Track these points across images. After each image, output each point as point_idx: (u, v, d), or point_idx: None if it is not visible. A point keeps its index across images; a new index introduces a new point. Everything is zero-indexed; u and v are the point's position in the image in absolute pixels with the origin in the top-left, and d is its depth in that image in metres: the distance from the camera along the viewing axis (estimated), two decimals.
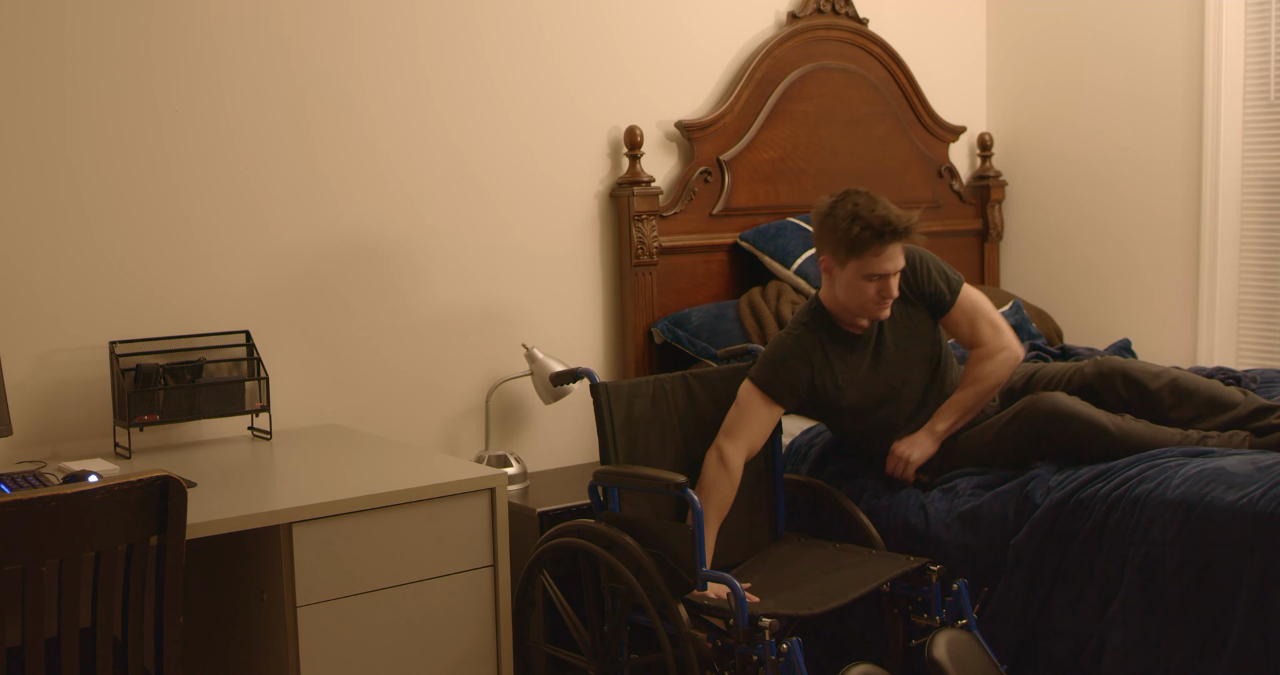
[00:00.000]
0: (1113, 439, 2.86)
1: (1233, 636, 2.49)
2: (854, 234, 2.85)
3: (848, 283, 2.91)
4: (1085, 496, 2.74)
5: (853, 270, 2.89)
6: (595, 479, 2.82)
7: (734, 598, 2.53)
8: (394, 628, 2.54)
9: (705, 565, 2.64)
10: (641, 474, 2.77)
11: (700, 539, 2.62)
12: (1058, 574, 2.76)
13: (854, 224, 2.86)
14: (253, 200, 3.17)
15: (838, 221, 2.89)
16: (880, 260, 2.87)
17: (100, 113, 2.95)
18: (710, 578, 2.62)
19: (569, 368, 3.17)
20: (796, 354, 2.97)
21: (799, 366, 2.95)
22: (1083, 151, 4.44)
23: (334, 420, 3.29)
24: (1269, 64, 3.97)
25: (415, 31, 3.39)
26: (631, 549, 2.67)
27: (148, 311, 3.03)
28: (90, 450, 2.93)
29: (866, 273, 2.87)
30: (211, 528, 2.29)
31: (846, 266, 2.90)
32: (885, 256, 2.87)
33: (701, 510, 2.65)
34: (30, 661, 2.00)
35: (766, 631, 2.49)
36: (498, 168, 3.55)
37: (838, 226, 2.88)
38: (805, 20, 4.12)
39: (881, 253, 2.86)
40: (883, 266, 2.87)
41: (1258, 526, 2.49)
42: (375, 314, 3.36)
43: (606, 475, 2.81)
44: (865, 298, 2.91)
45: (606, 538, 2.74)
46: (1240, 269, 4.09)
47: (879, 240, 2.85)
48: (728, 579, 2.55)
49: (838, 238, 2.89)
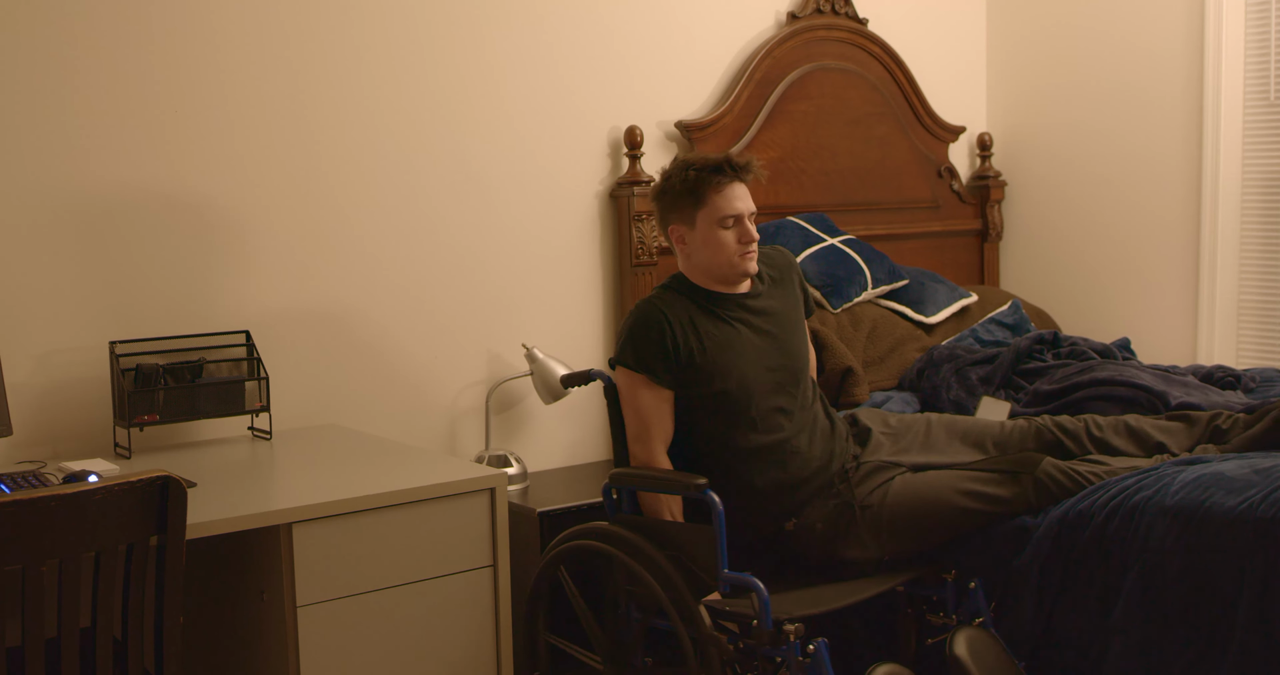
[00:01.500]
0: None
1: (1234, 642, 2.48)
2: (691, 179, 2.70)
3: (704, 239, 2.72)
4: (1084, 508, 2.73)
5: (704, 222, 2.71)
6: (611, 481, 2.78)
7: (757, 599, 2.48)
8: (394, 628, 2.54)
9: (725, 566, 2.58)
10: (660, 475, 2.70)
11: (722, 540, 2.56)
12: (1060, 585, 2.76)
13: (688, 171, 2.72)
14: (253, 200, 3.17)
15: (672, 181, 2.74)
16: (728, 199, 2.70)
17: (100, 112, 2.95)
18: (732, 580, 2.55)
19: (579, 370, 3.15)
20: (651, 315, 2.73)
21: (658, 326, 2.71)
22: (1082, 151, 4.44)
23: (334, 420, 3.29)
24: (1269, 64, 3.97)
25: (415, 31, 3.39)
26: (649, 552, 2.62)
27: (148, 311, 3.03)
28: (90, 450, 2.93)
29: (719, 217, 2.70)
30: (211, 528, 2.29)
31: (696, 221, 2.72)
32: (732, 195, 2.71)
33: (722, 511, 2.56)
34: (30, 661, 2.00)
35: (791, 634, 2.46)
36: (498, 168, 3.55)
37: (673, 184, 2.73)
38: (805, 20, 4.12)
39: (725, 190, 2.70)
40: (733, 206, 2.70)
41: (1258, 531, 2.48)
42: (375, 313, 3.36)
43: (623, 477, 2.75)
44: (727, 248, 2.71)
45: (623, 540, 2.70)
46: (1240, 269, 4.09)
47: (719, 175, 2.70)
48: (751, 581, 2.50)
49: (677, 193, 2.73)
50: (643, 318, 2.75)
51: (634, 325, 2.75)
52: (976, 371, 3.59)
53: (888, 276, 4.02)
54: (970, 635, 2.64)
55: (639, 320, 2.75)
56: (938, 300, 4.08)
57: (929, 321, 4.03)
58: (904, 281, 4.06)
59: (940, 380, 3.60)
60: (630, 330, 2.75)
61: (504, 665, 2.69)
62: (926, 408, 3.60)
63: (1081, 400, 3.28)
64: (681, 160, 2.79)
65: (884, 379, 3.82)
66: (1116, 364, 3.50)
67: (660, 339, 2.71)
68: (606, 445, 3.77)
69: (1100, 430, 3.00)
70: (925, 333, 4.02)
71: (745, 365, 2.76)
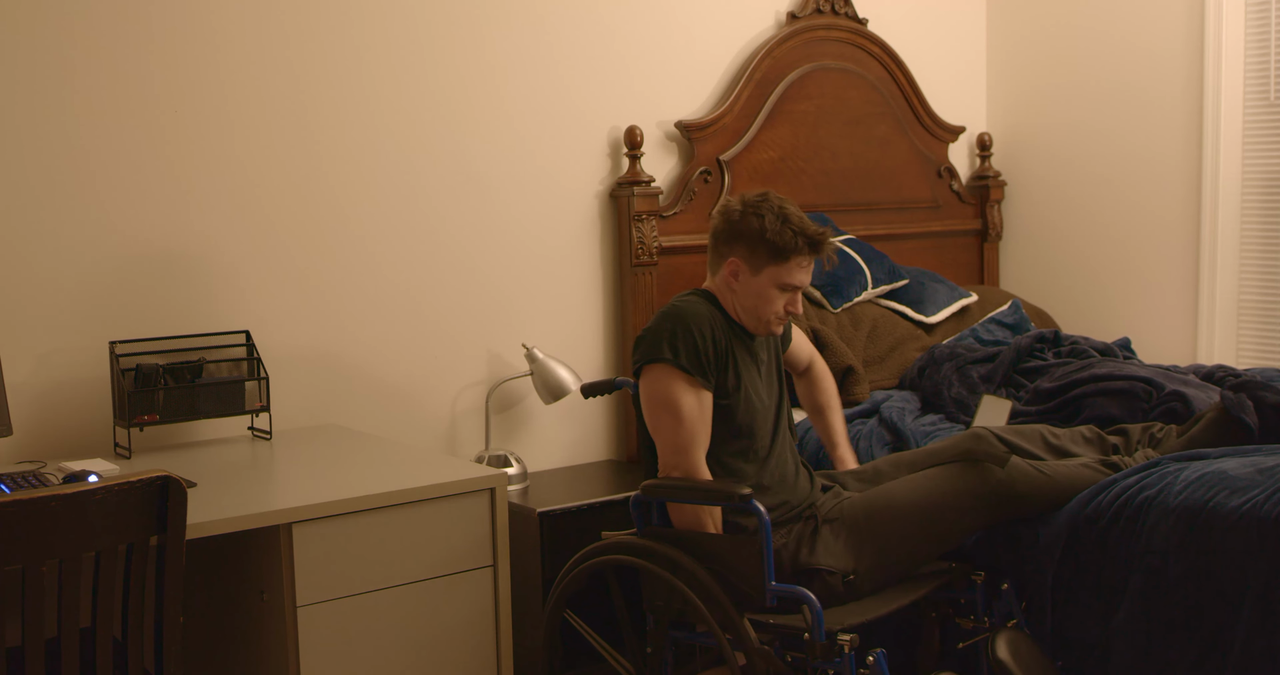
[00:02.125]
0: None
1: (1238, 642, 2.48)
2: (785, 238, 2.63)
3: (758, 290, 2.67)
4: (1089, 512, 2.73)
5: (768, 277, 2.66)
6: (644, 492, 2.64)
7: (810, 611, 2.44)
8: (394, 628, 2.54)
9: (772, 578, 2.51)
10: (701, 486, 2.58)
11: (769, 552, 2.50)
12: (1067, 586, 2.76)
13: (785, 227, 2.63)
14: (254, 200, 3.17)
15: (764, 223, 2.63)
16: (801, 272, 2.67)
17: (101, 112, 2.95)
18: (781, 592, 2.49)
19: (604, 378, 3.11)
20: (696, 315, 2.64)
21: (701, 329, 2.62)
22: (1082, 151, 4.44)
23: (334, 420, 3.29)
24: (1269, 64, 3.97)
25: (415, 31, 3.39)
26: (689, 566, 2.53)
27: (148, 311, 3.03)
28: (90, 450, 2.93)
29: (782, 282, 2.66)
30: (211, 528, 2.29)
31: (762, 272, 2.66)
32: (806, 269, 2.68)
33: (770, 522, 2.52)
34: (30, 661, 2.00)
35: (846, 645, 2.41)
36: (498, 168, 3.55)
37: (764, 228, 2.63)
38: (805, 20, 4.12)
39: (805, 262, 2.67)
40: (800, 278, 2.67)
41: (1262, 532, 2.48)
42: (375, 313, 3.36)
43: (660, 488, 2.62)
44: (771, 309, 2.68)
45: (659, 555, 2.58)
46: (1240, 269, 4.09)
47: (810, 249, 2.65)
48: (802, 593, 2.46)
49: (760, 239, 2.64)
50: (686, 317, 2.64)
51: (676, 324, 2.63)
52: (977, 370, 3.59)
53: (888, 276, 4.02)
54: (1010, 637, 2.62)
55: (681, 319, 2.63)
56: (938, 300, 4.08)
57: (929, 321, 4.03)
58: (904, 281, 4.07)
59: (941, 378, 3.60)
60: (672, 329, 2.62)
61: (504, 665, 2.69)
62: (927, 406, 3.60)
63: (1081, 397, 3.28)
64: (780, 210, 2.65)
65: (884, 378, 3.82)
66: (1117, 361, 3.50)
67: (705, 342, 2.63)
68: (606, 445, 3.77)
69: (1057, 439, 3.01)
70: (925, 332, 4.02)
71: (755, 399, 2.73)
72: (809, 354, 3.12)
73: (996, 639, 2.60)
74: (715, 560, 2.56)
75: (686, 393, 2.60)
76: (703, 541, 2.60)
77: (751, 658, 2.48)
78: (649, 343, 2.65)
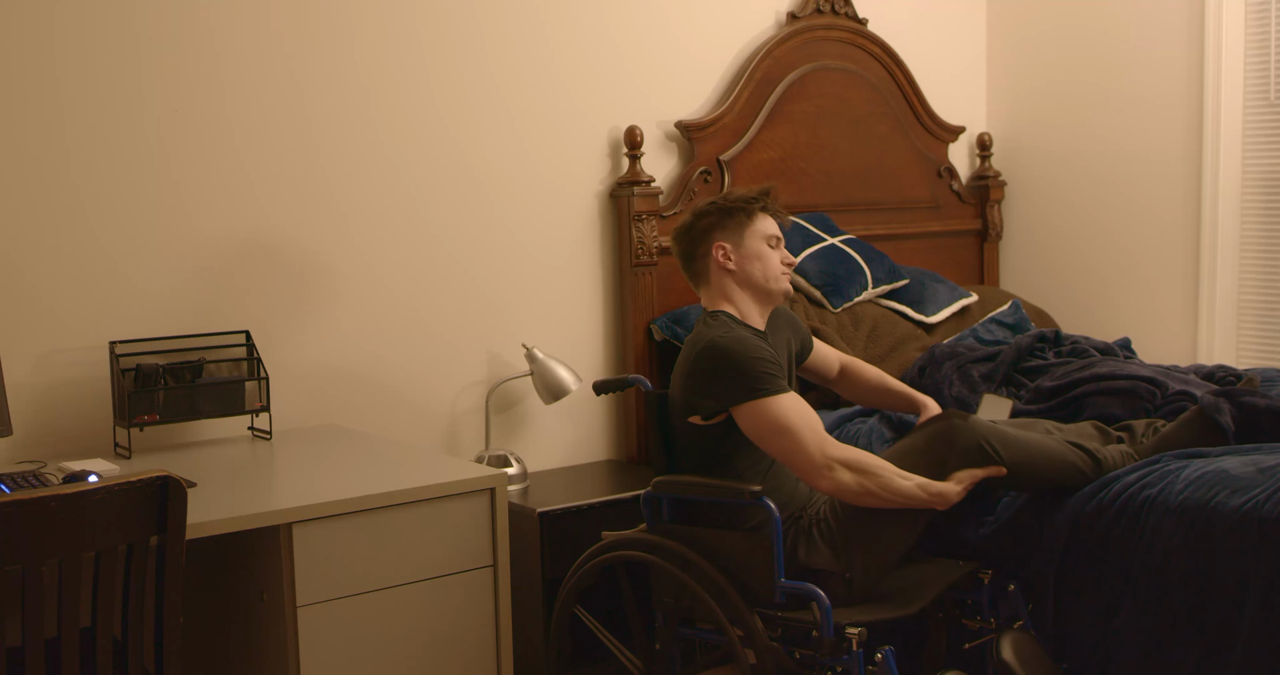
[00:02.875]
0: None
1: (1239, 642, 2.49)
2: (738, 201, 2.82)
3: (753, 252, 2.79)
4: (1091, 509, 2.73)
5: (752, 237, 2.80)
6: (655, 489, 2.70)
7: (819, 607, 2.45)
8: (394, 628, 2.54)
9: (781, 575, 2.54)
10: (713, 483, 2.63)
11: (779, 548, 2.51)
12: (1069, 585, 2.75)
13: (731, 194, 2.85)
14: (254, 200, 3.17)
15: (715, 203, 2.83)
16: (770, 223, 2.83)
17: (100, 112, 2.95)
18: (790, 589, 2.50)
19: (616, 376, 3.11)
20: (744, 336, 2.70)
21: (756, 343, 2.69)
22: (1082, 151, 4.44)
23: (334, 420, 3.29)
24: (1269, 64, 3.97)
25: (415, 31, 3.39)
26: (699, 562, 2.56)
27: (148, 311, 3.03)
28: (90, 450, 2.93)
29: (766, 234, 2.81)
30: (211, 528, 2.29)
31: (745, 236, 2.79)
32: (772, 221, 2.84)
33: (780, 519, 2.52)
34: (30, 661, 2.00)
35: (854, 641, 2.42)
36: (498, 168, 3.55)
37: (718, 205, 2.82)
38: (805, 20, 4.12)
39: (768, 214, 2.83)
40: (775, 228, 2.83)
41: (1263, 531, 2.48)
42: (375, 314, 3.36)
43: (670, 485, 2.68)
44: (774, 264, 2.81)
45: (669, 551, 2.63)
46: (1240, 269, 4.09)
47: (765, 198, 2.83)
48: (810, 589, 2.47)
49: (724, 213, 2.81)
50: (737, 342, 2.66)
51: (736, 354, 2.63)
52: (978, 369, 3.59)
53: (888, 276, 4.02)
54: (1015, 638, 2.62)
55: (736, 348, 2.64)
56: (938, 300, 4.08)
57: (929, 321, 4.03)
58: (904, 281, 4.07)
59: (942, 377, 3.59)
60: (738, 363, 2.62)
61: (504, 665, 2.69)
62: None
63: (1082, 396, 3.28)
64: (719, 194, 2.89)
65: None
66: (1118, 361, 3.50)
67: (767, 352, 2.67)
68: (606, 445, 3.77)
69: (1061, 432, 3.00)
70: (925, 332, 4.02)
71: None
72: (837, 356, 3.13)
73: (1001, 640, 2.60)
74: (725, 557, 2.58)
75: (789, 404, 2.62)
76: (713, 538, 2.62)
77: (761, 654, 2.49)
78: (722, 388, 2.63)
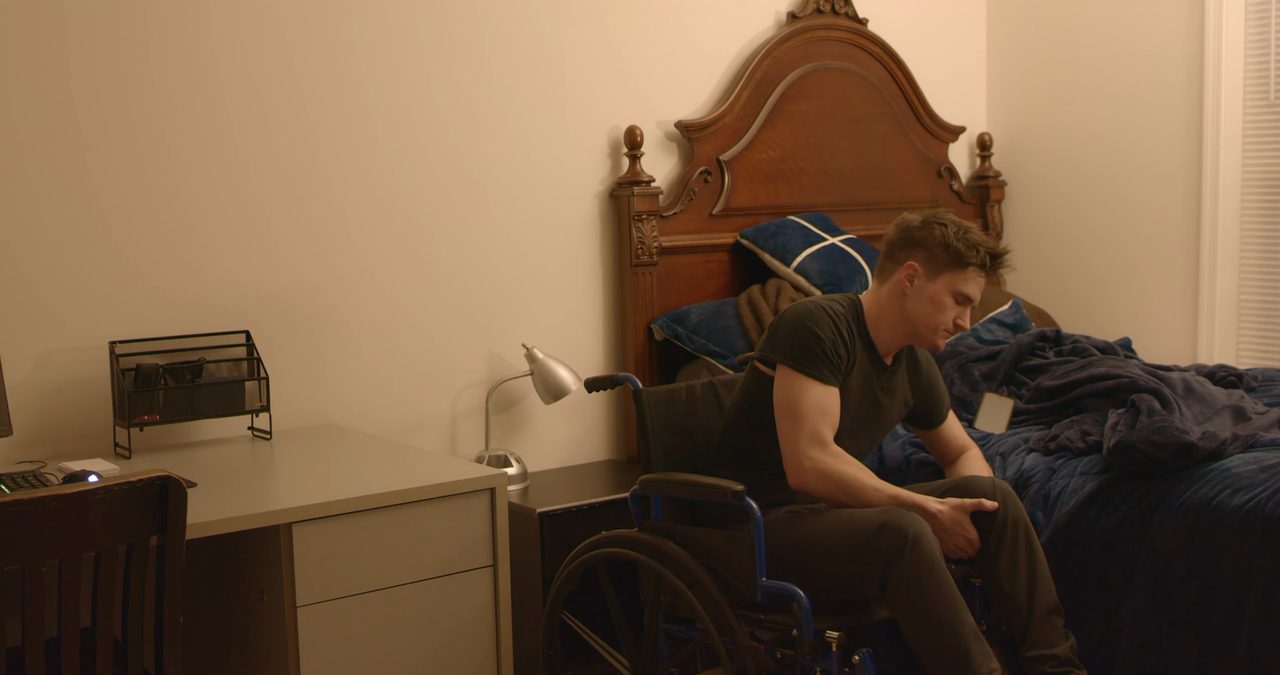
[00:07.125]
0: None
1: (1241, 641, 2.49)
2: (967, 246, 2.68)
3: (932, 295, 2.70)
4: (1091, 510, 2.73)
5: (944, 283, 2.69)
6: (641, 488, 2.69)
7: (799, 608, 2.44)
8: (394, 628, 2.54)
9: (763, 575, 2.52)
10: (696, 482, 2.62)
11: (760, 548, 2.50)
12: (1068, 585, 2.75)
13: (967, 236, 2.70)
14: (253, 200, 3.17)
15: (947, 231, 2.69)
16: (975, 284, 2.71)
17: (100, 112, 2.95)
18: (771, 589, 2.49)
19: (606, 374, 3.11)
20: (829, 313, 2.66)
21: (832, 327, 2.65)
22: (1083, 151, 4.44)
23: (334, 420, 3.29)
24: (1269, 64, 3.97)
25: (415, 31, 3.39)
26: (683, 560, 2.56)
27: (148, 311, 3.03)
28: (90, 450, 2.93)
29: (957, 290, 2.69)
30: (211, 528, 2.29)
31: (939, 278, 2.69)
32: (980, 282, 2.72)
33: (761, 519, 2.50)
34: (30, 661, 2.00)
35: (833, 643, 2.41)
36: (498, 168, 3.55)
37: (946, 235, 2.69)
38: (805, 20, 4.12)
39: (979, 276, 2.71)
40: (974, 289, 2.71)
41: (1265, 530, 2.48)
42: (375, 314, 3.36)
43: (656, 483, 2.68)
44: (942, 317, 2.70)
45: (655, 548, 2.62)
46: (1240, 269, 4.09)
47: (989, 261, 2.71)
48: (791, 589, 2.46)
49: (941, 246, 2.69)
50: (820, 317, 2.65)
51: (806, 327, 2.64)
52: (979, 368, 3.59)
53: None
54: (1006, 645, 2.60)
55: (810, 321, 2.64)
56: None
57: None
58: None
59: (943, 377, 3.59)
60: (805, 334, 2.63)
61: (504, 665, 2.69)
62: None
63: (1082, 397, 3.28)
64: (960, 223, 2.73)
65: None
66: (1119, 360, 3.50)
67: (835, 339, 2.65)
68: (606, 445, 3.77)
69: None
70: None
71: (844, 422, 2.69)
72: (962, 442, 2.96)
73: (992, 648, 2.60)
74: (709, 555, 2.59)
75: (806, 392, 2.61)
76: (697, 536, 2.63)
77: (741, 653, 2.49)
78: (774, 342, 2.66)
